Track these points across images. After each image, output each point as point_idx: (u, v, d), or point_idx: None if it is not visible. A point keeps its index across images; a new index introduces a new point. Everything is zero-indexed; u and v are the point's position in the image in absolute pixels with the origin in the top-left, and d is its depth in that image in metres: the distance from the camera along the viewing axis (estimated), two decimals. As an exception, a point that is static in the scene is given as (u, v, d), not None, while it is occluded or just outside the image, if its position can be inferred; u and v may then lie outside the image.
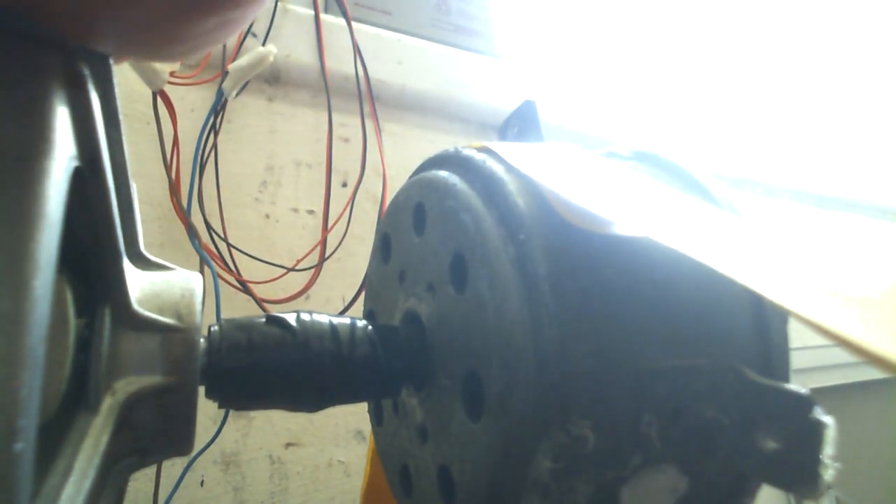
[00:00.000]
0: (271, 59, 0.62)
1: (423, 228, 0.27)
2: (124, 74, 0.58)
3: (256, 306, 0.66)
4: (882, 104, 1.36)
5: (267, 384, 0.24)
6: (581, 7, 0.97)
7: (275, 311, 0.29)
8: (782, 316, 0.23)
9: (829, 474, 0.17)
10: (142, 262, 0.24)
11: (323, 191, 0.71)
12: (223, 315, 0.62)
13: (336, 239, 0.71)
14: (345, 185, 0.74)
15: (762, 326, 0.23)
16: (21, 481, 0.12)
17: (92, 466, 0.18)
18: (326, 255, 0.70)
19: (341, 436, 0.73)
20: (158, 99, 0.59)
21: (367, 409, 0.33)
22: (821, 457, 0.17)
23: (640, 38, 1.03)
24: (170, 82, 0.58)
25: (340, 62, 0.71)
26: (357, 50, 0.72)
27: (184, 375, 0.21)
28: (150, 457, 0.21)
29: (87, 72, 0.17)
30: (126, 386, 0.20)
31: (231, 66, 0.62)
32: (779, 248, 0.20)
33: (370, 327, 0.26)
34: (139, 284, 0.22)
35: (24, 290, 0.13)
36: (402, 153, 0.78)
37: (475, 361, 0.22)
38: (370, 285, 0.34)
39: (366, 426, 0.74)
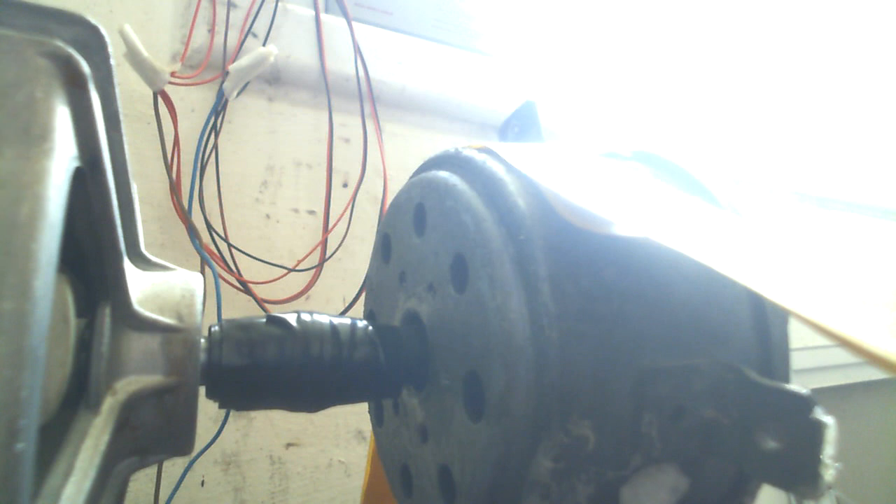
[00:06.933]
0: (272, 59, 0.62)
1: (423, 229, 0.27)
2: (125, 75, 0.58)
3: (257, 306, 0.66)
4: (884, 105, 1.36)
5: (267, 384, 0.24)
6: (582, 7, 0.97)
7: (275, 311, 0.29)
8: (782, 316, 0.23)
9: (829, 474, 0.17)
10: (142, 263, 0.24)
11: (323, 191, 0.71)
12: (224, 315, 0.62)
13: (337, 239, 0.71)
14: (345, 185, 0.74)
15: (762, 326, 0.23)
16: (22, 481, 0.12)
17: (93, 466, 0.18)
18: (327, 255, 0.70)
19: (341, 436, 0.73)
20: (159, 99, 0.59)
21: (367, 409, 0.33)
22: (821, 457, 0.17)
23: (641, 37, 1.03)
24: (170, 82, 0.58)
25: (341, 62, 0.71)
26: (357, 50, 0.72)
27: (184, 375, 0.21)
28: (151, 457, 0.22)
29: (87, 72, 0.17)
30: (127, 386, 0.20)
31: (232, 67, 0.62)
32: (779, 249, 0.20)
33: (371, 328, 0.26)
34: (140, 285, 0.22)
35: (25, 290, 0.13)
36: (403, 153, 0.78)
37: (476, 362, 0.22)
38: (370, 286, 0.34)
39: (366, 426, 0.74)
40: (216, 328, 0.24)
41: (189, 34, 0.62)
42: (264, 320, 0.25)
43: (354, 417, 0.73)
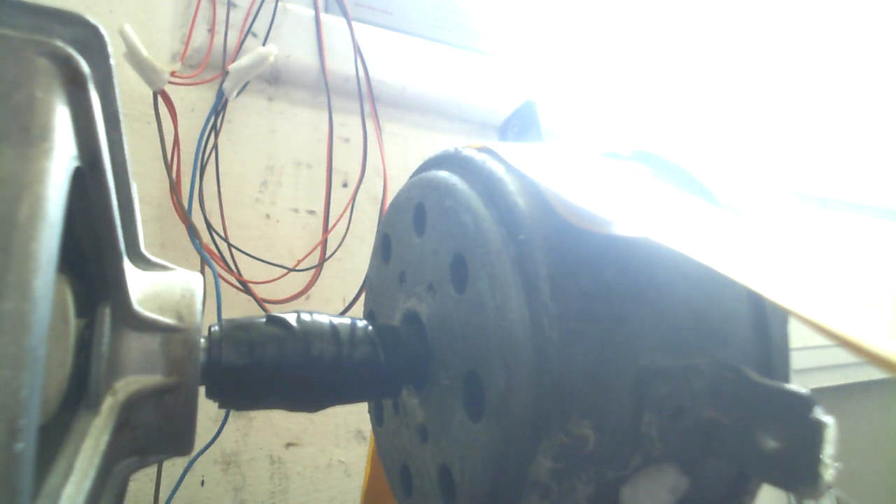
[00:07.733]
0: (272, 59, 0.62)
1: (423, 229, 0.27)
2: (125, 74, 0.58)
3: (257, 306, 0.66)
4: (884, 105, 1.36)
5: (267, 384, 0.24)
6: (583, 7, 0.97)
7: (275, 311, 0.29)
8: (782, 316, 0.23)
9: (829, 474, 0.17)
10: (142, 263, 0.24)
11: (323, 191, 0.71)
12: (224, 315, 0.62)
13: (336, 239, 0.71)
14: (345, 185, 0.74)
15: (762, 326, 0.23)
16: (22, 481, 0.12)
17: (92, 466, 0.18)
18: (327, 255, 0.70)
19: (341, 436, 0.73)
20: (159, 99, 0.59)
21: (367, 409, 0.33)
22: (821, 456, 0.17)
23: (642, 37, 1.03)
24: (170, 82, 0.58)
25: (341, 62, 0.71)
26: (357, 50, 0.72)
27: (184, 375, 0.21)
28: (151, 457, 0.22)
29: (87, 72, 0.17)
30: (126, 386, 0.20)
31: (231, 67, 0.62)
32: (779, 248, 0.20)
33: (370, 327, 0.26)
34: (140, 285, 0.22)
35: (25, 290, 0.13)
36: (403, 153, 0.78)
37: (475, 361, 0.22)
38: (370, 285, 0.34)
39: (366, 426, 0.74)
40: (216, 328, 0.24)
41: (189, 34, 0.62)
42: (264, 320, 0.25)
43: (354, 417, 0.73)
